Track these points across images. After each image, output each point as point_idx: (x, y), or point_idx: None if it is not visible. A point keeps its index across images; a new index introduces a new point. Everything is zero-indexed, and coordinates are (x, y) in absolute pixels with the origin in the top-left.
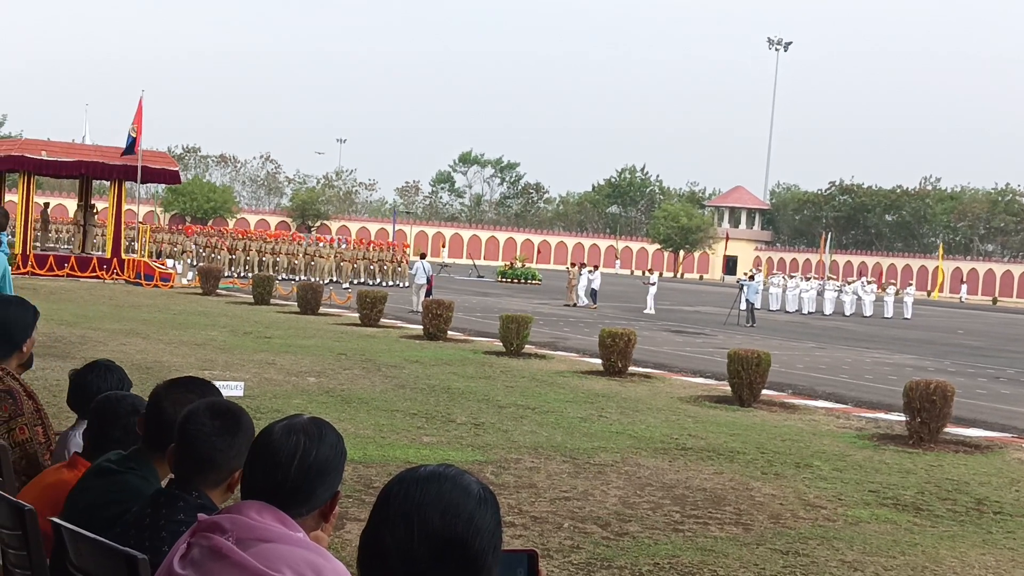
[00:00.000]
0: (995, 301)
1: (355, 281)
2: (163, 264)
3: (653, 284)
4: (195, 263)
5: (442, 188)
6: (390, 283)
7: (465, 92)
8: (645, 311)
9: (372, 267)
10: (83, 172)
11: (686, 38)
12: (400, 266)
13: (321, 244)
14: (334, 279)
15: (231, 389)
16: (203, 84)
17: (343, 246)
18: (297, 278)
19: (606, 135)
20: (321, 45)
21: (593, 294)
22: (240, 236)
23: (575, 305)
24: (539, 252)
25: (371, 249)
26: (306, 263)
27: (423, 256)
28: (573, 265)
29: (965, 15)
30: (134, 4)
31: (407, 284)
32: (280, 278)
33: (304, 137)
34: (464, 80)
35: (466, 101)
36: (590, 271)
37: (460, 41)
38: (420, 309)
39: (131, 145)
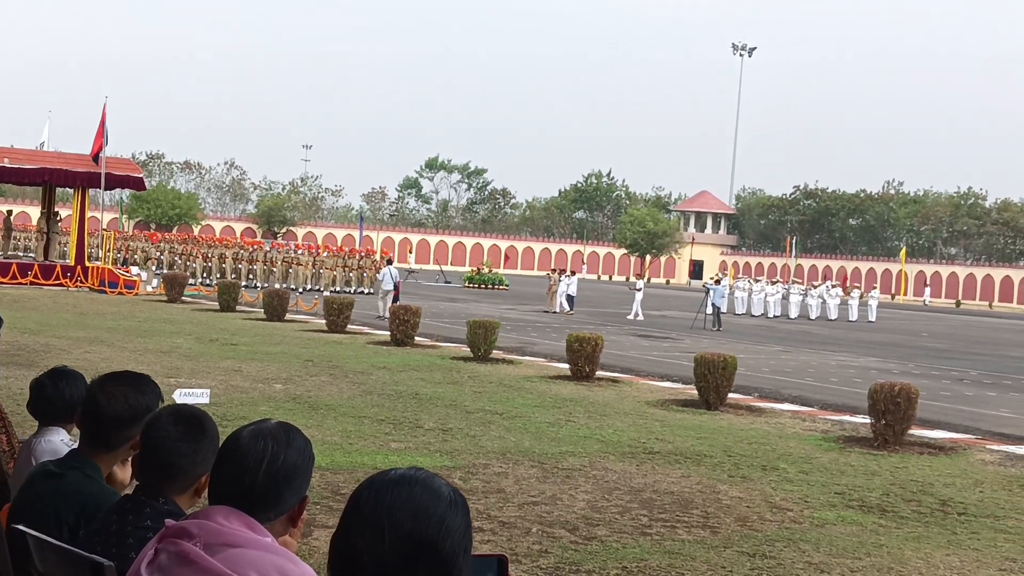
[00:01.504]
0: (958, 304)
1: (334, 289)
2: (127, 271)
3: (640, 290)
4: (160, 270)
5: (409, 194)
6: (368, 291)
7: (431, 97)
8: (629, 317)
9: (351, 275)
10: (46, 179)
11: (651, 44)
12: (378, 273)
13: (300, 252)
14: (310, 287)
15: (197, 396)
16: (167, 90)
17: (325, 254)
18: (275, 286)
19: (572, 141)
20: (285, 50)
21: (570, 300)
22: (218, 244)
23: (556, 312)
24: (506, 257)
25: (351, 256)
26: (284, 271)
27: (390, 262)
28: (553, 271)
29: (927, 20)
30: (96, 10)
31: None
32: (258, 286)
33: (269, 143)
34: (430, 85)
35: (433, 107)
36: (567, 276)
37: (427, 47)
38: (387, 315)
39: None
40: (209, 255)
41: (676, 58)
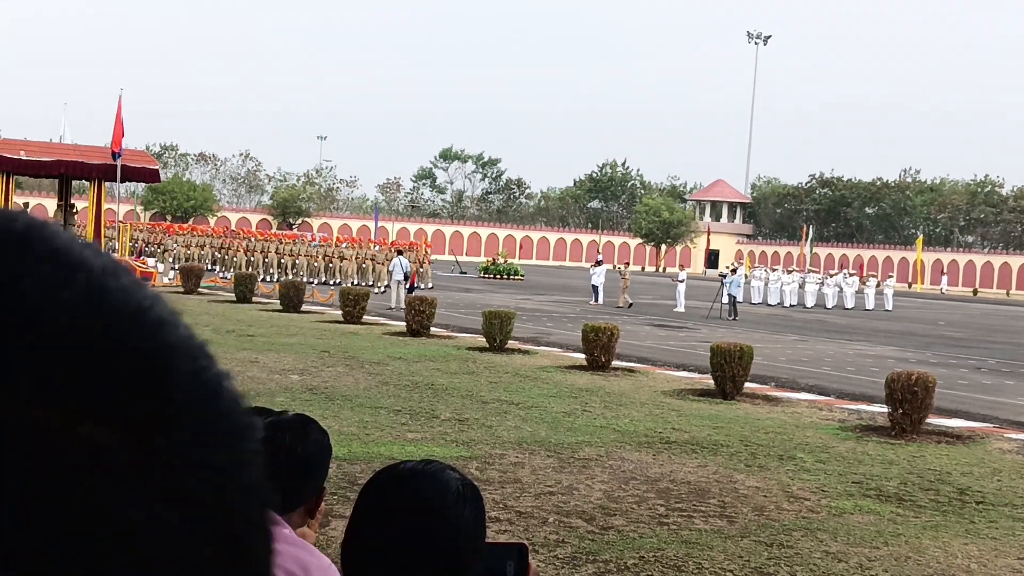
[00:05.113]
0: (975, 292)
1: (386, 284)
2: (144, 263)
3: (682, 281)
4: (175, 263)
5: (423, 184)
6: (424, 285)
7: (446, 88)
8: (676, 308)
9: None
10: (62, 172)
11: (667, 33)
12: (422, 266)
13: (343, 245)
14: (356, 282)
15: None
16: (181, 81)
17: (376, 247)
18: (316, 281)
19: (587, 130)
20: (301, 41)
21: (595, 290)
22: (260, 238)
23: (631, 306)
24: (521, 247)
25: (392, 250)
26: (325, 265)
27: (400, 253)
28: (626, 264)
29: (943, 6)
30: (110, 1)
31: (430, 285)
32: (302, 281)
33: (284, 134)
34: (445, 76)
35: (447, 97)
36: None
37: (440, 37)
38: (400, 305)
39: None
40: (252, 248)
41: (691, 47)
